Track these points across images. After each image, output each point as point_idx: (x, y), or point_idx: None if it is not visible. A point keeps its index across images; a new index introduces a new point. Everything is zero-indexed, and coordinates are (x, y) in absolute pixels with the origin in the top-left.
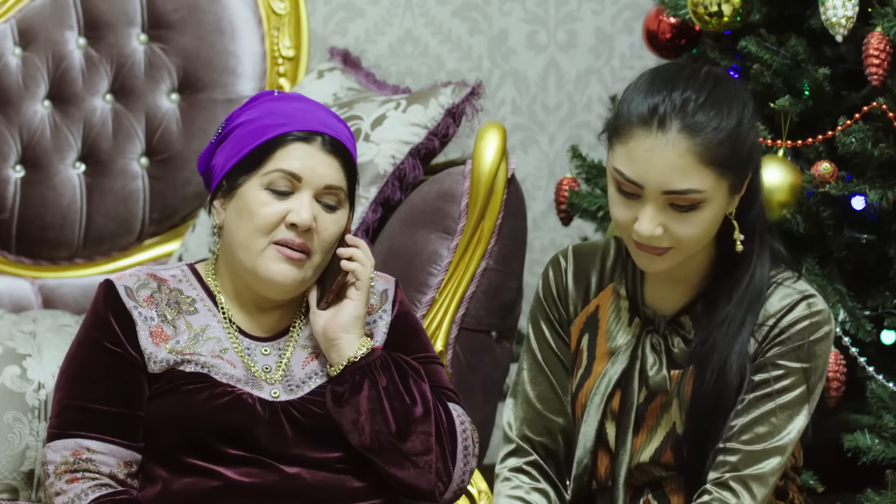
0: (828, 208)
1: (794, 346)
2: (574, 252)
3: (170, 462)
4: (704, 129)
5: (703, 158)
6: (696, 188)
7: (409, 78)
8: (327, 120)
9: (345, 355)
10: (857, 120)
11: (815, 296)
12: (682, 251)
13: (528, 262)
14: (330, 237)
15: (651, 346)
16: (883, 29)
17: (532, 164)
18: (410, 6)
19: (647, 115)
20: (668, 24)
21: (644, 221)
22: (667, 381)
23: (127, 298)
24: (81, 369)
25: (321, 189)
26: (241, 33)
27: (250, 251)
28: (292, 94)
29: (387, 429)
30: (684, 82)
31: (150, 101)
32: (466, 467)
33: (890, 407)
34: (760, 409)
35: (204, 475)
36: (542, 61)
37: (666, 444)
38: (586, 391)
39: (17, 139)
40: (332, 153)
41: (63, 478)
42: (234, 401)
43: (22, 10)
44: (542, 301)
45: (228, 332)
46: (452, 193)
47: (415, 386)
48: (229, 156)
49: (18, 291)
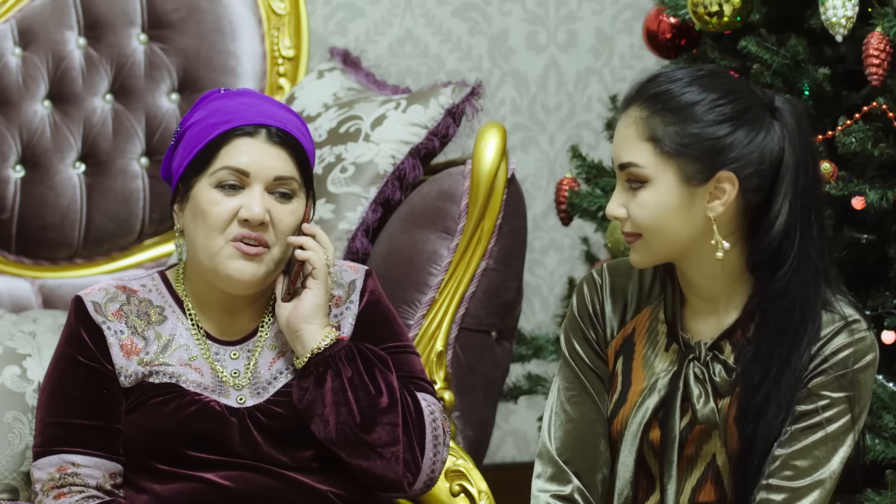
0: (828, 208)
1: (838, 376)
2: (610, 270)
3: (152, 472)
4: (654, 102)
5: (645, 131)
6: (634, 161)
7: (409, 78)
8: (272, 111)
9: (308, 346)
10: (857, 120)
11: (859, 321)
12: (648, 241)
13: (528, 262)
14: (286, 228)
15: (695, 375)
16: (883, 29)
17: (532, 164)
18: (410, 6)
19: (624, 97)
20: (668, 24)
21: (610, 201)
22: (716, 413)
23: (95, 314)
24: (60, 386)
25: (271, 181)
26: (241, 33)
27: (208, 251)
28: (239, 90)
29: (352, 420)
30: (676, 68)
31: (150, 101)
32: (437, 457)
33: (890, 407)
34: (804, 441)
35: (189, 480)
36: (542, 61)
37: (706, 477)
38: (622, 419)
39: (17, 139)
40: (278, 144)
41: (50, 494)
42: (202, 409)
43: (22, 10)
44: (578, 319)
45: (197, 338)
46: (452, 193)
47: (381, 376)
48: (181, 159)
49: (18, 291)
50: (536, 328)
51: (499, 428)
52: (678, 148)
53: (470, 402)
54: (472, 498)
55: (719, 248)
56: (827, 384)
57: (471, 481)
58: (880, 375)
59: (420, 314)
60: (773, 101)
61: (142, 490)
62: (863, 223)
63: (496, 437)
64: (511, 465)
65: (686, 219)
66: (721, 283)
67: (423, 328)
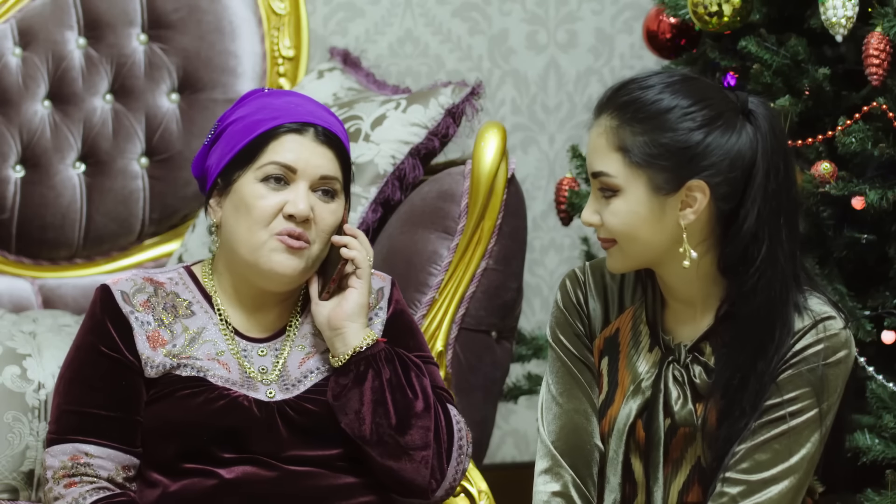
0: (828, 208)
1: (806, 370)
2: (592, 268)
3: (168, 466)
4: (624, 111)
5: (614, 142)
6: (605, 171)
7: (409, 78)
8: (318, 112)
9: (350, 345)
10: (857, 120)
11: (834, 318)
12: (622, 247)
13: (528, 262)
14: (328, 227)
15: (674, 377)
16: (883, 29)
17: (532, 164)
18: (410, 6)
19: (596, 103)
20: (668, 24)
21: (585, 208)
22: (693, 414)
23: (123, 303)
24: (79, 374)
25: (316, 179)
26: (241, 33)
27: (251, 245)
28: (282, 90)
29: (387, 421)
30: (648, 75)
31: (150, 101)
32: (459, 467)
33: (890, 407)
34: (765, 434)
35: (202, 476)
36: (542, 61)
37: (692, 479)
38: (609, 419)
39: (17, 139)
40: (325, 143)
41: (61, 482)
42: (230, 403)
43: (22, 10)
44: (565, 312)
45: (225, 334)
46: (452, 193)
47: (416, 381)
48: (223, 153)
49: (18, 291)
50: (536, 328)
51: (499, 428)
52: (647, 158)
53: (470, 402)
54: (472, 498)
55: (686, 257)
56: (794, 378)
57: (471, 481)
58: (880, 375)
59: (420, 314)
60: (746, 103)
61: (153, 485)
62: (863, 223)
63: (496, 437)
64: (511, 465)
65: (658, 227)
66: (696, 286)
67: (423, 328)
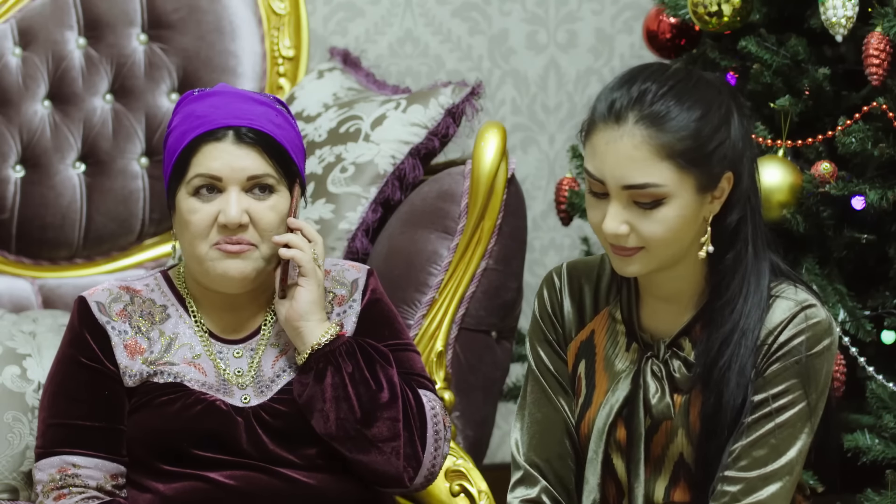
0: (828, 208)
1: (792, 362)
2: (568, 270)
3: (156, 471)
4: (661, 120)
5: (660, 150)
6: (653, 182)
7: (409, 78)
8: (242, 109)
9: (308, 342)
10: (857, 120)
11: (815, 305)
12: (652, 253)
13: (528, 262)
14: (269, 225)
15: (652, 372)
16: (883, 29)
17: (532, 164)
18: (410, 6)
19: (606, 110)
20: (668, 24)
21: (608, 219)
22: (671, 408)
23: (100, 314)
24: (62, 387)
25: (245, 181)
26: (241, 33)
27: (196, 257)
28: (212, 89)
29: (352, 415)
30: (648, 76)
31: (150, 101)
32: (438, 452)
33: (890, 407)
34: (759, 430)
35: (193, 480)
36: (542, 61)
37: (677, 476)
38: (588, 422)
39: (17, 139)
40: (248, 143)
41: (51, 495)
42: (209, 408)
43: (22, 10)
44: (539, 321)
45: (200, 336)
46: (452, 193)
47: (381, 371)
48: (165, 168)
49: (18, 291)
50: None
51: (499, 428)
52: (695, 160)
53: (470, 402)
54: (472, 498)
55: (704, 249)
56: (780, 372)
57: (471, 481)
58: (880, 375)
59: (420, 314)
60: (731, 89)
61: (145, 489)
62: (863, 223)
63: (496, 437)
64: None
65: (694, 225)
66: (684, 282)
67: (423, 328)
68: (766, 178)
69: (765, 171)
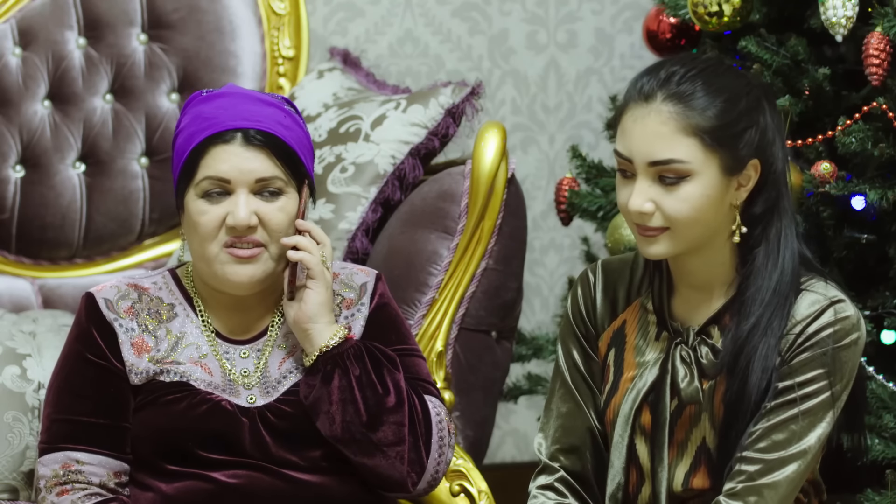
0: (828, 208)
1: (820, 353)
2: (603, 267)
3: (160, 470)
4: (688, 98)
5: (686, 126)
6: (678, 158)
7: (409, 78)
8: (250, 111)
9: (316, 345)
10: (857, 120)
11: (845, 301)
12: (677, 233)
13: (528, 262)
14: (278, 226)
15: (681, 358)
16: (883, 29)
17: (532, 164)
18: (410, 6)
19: (636, 92)
20: (668, 24)
21: (634, 196)
22: (699, 392)
23: (107, 311)
24: (67, 383)
25: (253, 183)
26: (241, 33)
27: (205, 259)
28: (220, 91)
29: (357, 419)
30: (676, 61)
31: (150, 101)
32: (442, 458)
33: (890, 407)
34: (781, 415)
35: (196, 479)
36: (542, 61)
37: (698, 462)
38: (613, 407)
39: (17, 139)
40: (257, 146)
41: (53, 491)
42: (214, 408)
43: (22, 10)
44: (570, 319)
45: (207, 336)
46: (452, 193)
47: (388, 375)
48: (174, 169)
49: (18, 291)
50: (536, 328)
51: (499, 428)
52: (722, 139)
53: (470, 402)
54: (472, 498)
55: (737, 234)
56: (807, 361)
57: (471, 481)
58: (880, 375)
59: (420, 314)
60: (763, 84)
61: (147, 488)
62: (863, 223)
63: (496, 437)
64: (511, 465)
65: (719, 208)
66: (716, 270)
67: (423, 328)
68: None
69: None
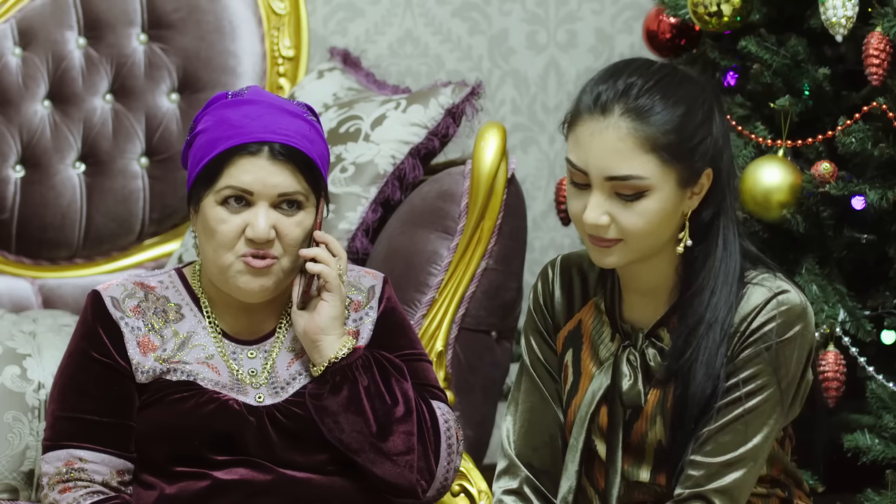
0: (828, 208)
1: (763, 348)
2: (562, 261)
3: (163, 469)
4: (646, 113)
5: (645, 143)
6: (637, 174)
7: (409, 78)
8: (277, 123)
9: (326, 356)
10: (857, 120)
11: (789, 291)
12: (631, 245)
13: (528, 262)
14: (294, 240)
15: (627, 361)
16: (883, 29)
17: (532, 164)
18: (410, 6)
19: (592, 102)
20: (668, 24)
21: (589, 209)
22: (641, 396)
23: (114, 309)
24: (72, 380)
25: (275, 197)
26: (241, 33)
27: (218, 266)
28: (246, 97)
29: (367, 428)
30: (632, 71)
31: (150, 101)
32: (450, 465)
33: (890, 407)
34: (727, 416)
35: (199, 479)
36: (542, 61)
37: (661, 462)
38: (574, 408)
39: (17, 139)
40: (282, 161)
41: (56, 488)
42: (221, 407)
43: (22, 10)
44: (532, 312)
45: (214, 336)
46: (452, 193)
47: (397, 385)
48: (191, 167)
49: (18, 291)
50: None
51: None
52: (678, 155)
53: (470, 402)
54: (472, 498)
55: (683, 244)
56: (751, 357)
57: (471, 481)
58: (880, 375)
59: (420, 314)
60: (712, 87)
61: (150, 487)
62: (863, 223)
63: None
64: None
65: (672, 219)
66: (662, 276)
67: (423, 328)
68: (766, 178)
69: (765, 171)
